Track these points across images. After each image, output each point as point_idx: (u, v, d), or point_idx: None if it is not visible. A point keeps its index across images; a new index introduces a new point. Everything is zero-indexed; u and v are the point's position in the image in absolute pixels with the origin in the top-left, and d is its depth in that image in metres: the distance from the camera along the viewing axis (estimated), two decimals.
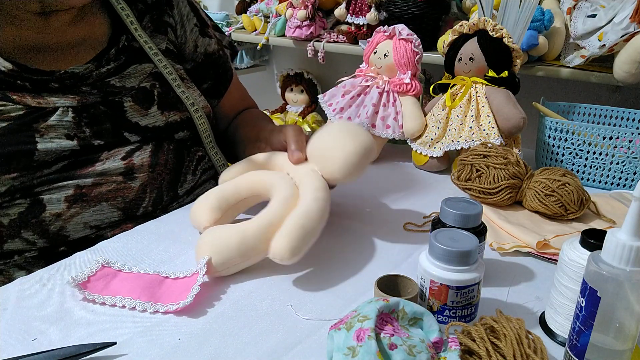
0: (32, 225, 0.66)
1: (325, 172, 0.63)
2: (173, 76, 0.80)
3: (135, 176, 0.72)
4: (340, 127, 0.64)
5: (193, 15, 0.88)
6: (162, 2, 0.84)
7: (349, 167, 0.61)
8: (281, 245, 0.55)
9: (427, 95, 1.07)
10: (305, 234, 0.56)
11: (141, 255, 0.63)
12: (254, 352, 0.47)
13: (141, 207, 0.73)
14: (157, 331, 0.49)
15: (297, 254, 0.55)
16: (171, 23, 0.85)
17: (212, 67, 0.90)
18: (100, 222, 0.70)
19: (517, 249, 0.64)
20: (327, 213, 0.60)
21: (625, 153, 0.83)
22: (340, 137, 0.62)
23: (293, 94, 1.96)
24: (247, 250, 0.56)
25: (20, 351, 0.45)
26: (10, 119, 0.65)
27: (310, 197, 0.59)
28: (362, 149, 0.61)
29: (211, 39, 0.90)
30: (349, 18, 1.56)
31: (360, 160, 0.61)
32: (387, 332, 0.39)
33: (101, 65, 0.73)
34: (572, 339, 0.43)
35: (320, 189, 0.60)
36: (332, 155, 0.62)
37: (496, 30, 0.86)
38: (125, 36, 0.77)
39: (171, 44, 0.84)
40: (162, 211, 0.76)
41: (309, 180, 0.62)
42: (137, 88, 0.75)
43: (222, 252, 0.56)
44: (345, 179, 0.62)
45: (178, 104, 0.79)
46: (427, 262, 0.47)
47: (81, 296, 0.54)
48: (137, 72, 0.76)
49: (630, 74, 1.06)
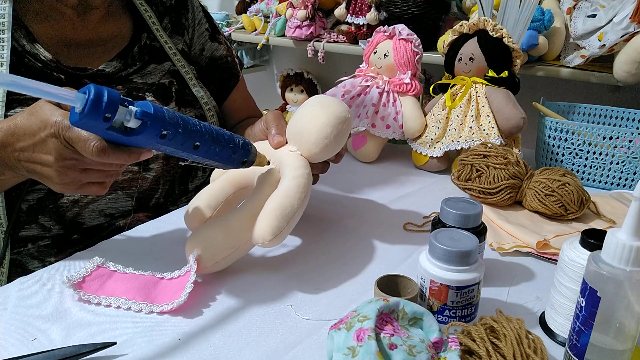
0: (49, 211, 0.68)
1: (303, 149, 0.62)
2: (189, 75, 0.83)
3: (150, 167, 0.75)
4: (312, 102, 0.63)
5: (206, 21, 0.91)
6: (180, 5, 0.87)
7: (323, 139, 0.60)
8: (262, 227, 0.54)
9: (427, 95, 1.07)
10: (285, 212, 0.55)
11: (141, 255, 0.63)
12: (254, 352, 0.47)
13: (153, 198, 0.76)
14: (157, 331, 0.49)
15: (279, 234, 0.54)
16: (186, 25, 0.88)
17: (216, 72, 0.93)
18: (115, 211, 0.73)
19: (517, 249, 0.64)
20: (308, 192, 0.59)
21: (625, 153, 0.83)
22: (311, 111, 0.62)
23: (293, 94, 1.96)
24: (233, 241, 0.56)
25: (20, 351, 0.45)
26: None
27: (289, 176, 0.58)
28: (334, 118, 0.60)
29: (220, 45, 0.93)
30: (349, 18, 1.56)
31: (334, 130, 0.60)
32: (387, 332, 0.39)
33: (128, 64, 0.77)
34: (572, 339, 0.43)
35: (298, 167, 0.60)
36: (306, 132, 0.61)
37: (496, 30, 0.86)
38: (147, 35, 0.81)
39: (186, 45, 0.87)
40: (172, 204, 0.79)
41: (288, 160, 0.61)
42: (157, 84, 0.78)
43: (210, 248, 0.56)
44: (324, 152, 0.61)
45: (193, 102, 0.83)
46: (427, 262, 0.47)
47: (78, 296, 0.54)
48: (156, 70, 0.80)
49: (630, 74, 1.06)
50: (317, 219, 0.73)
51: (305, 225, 0.71)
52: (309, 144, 0.61)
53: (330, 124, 0.60)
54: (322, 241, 0.67)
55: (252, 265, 0.61)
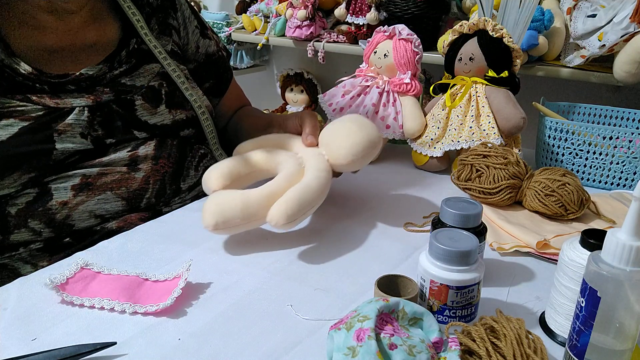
0: (39, 214, 0.68)
1: (331, 156, 0.68)
2: (178, 74, 0.82)
3: (138, 167, 0.74)
4: (352, 118, 0.69)
5: (194, 18, 0.91)
6: (166, 5, 0.86)
7: (352, 155, 0.66)
8: (278, 211, 0.60)
9: (427, 95, 1.07)
10: (302, 204, 0.60)
11: (140, 255, 0.63)
12: (254, 352, 0.47)
13: (144, 198, 0.75)
14: (157, 331, 0.49)
15: (292, 221, 0.60)
16: (175, 25, 0.87)
17: (213, 67, 0.93)
18: (105, 212, 0.72)
19: (517, 249, 0.64)
20: (326, 193, 0.65)
21: (625, 153, 0.83)
22: (350, 127, 0.67)
23: (293, 94, 1.96)
24: (249, 214, 0.61)
25: (20, 351, 0.45)
26: (31, 119, 0.67)
27: (312, 175, 0.64)
28: (367, 140, 0.66)
29: (211, 41, 0.93)
30: (349, 18, 1.56)
31: (364, 150, 0.66)
32: (387, 332, 0.39)
33: (114, 67, 0.76)
34: (572, 339, 0.43)
35: (322, 169, 0.66)
36: (339, 143, 0.67)
37: (496, 30, 0.86)
38: (135, 39, 0.80)
39: (175, 45, 0.86)
40: (164, 205, 0.77)
41: (315, 161, 0.67)
42: (146, 87, 0.78)
43: (225, 212, 0.61)
44: (349, 165, 0.67)
45: (184, 103, 0.82)
46: (427, 262, 0.47)
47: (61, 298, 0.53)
48: (145, 71, 0.79)
49: (630, 74, 1.06)
50: (317, 219, 0.73)
51: (305, 225, 0.71)
52: (339, 154, 0.67)
53: (362, 143, 0.66)
54: (322, 241, 0.67)
55: (251, 266, 0.61)
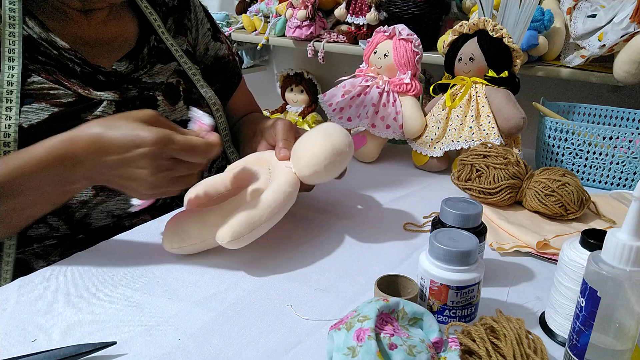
0: (59, 211, 0.68)
1: (296, 169, 0.64)
2: (194, 72, 0.84)
3: None
4: (321, 127, 0.66)
5: (207, 21, 0.92)
6: (182, 6, 0.88)
7: (314, 166, 0.62)
8: (225, 228, 0.58)
9: (427, 95, 1.07)
10: (250, 221, 0.58)
11: (140, 255, 0.63)
12: (254, 352, 0.47)
13: (160, 198, 0.76)
14: (157, 331, 0.49)
15: (238, 239, 0.57)
16: (189, 26, 0.88)
17: (221, 71, 0.94)
18: (122, 212, 0.73)
19: (517, 249, 0.64)
20: (284, 207, 0.61)
21: (625, 153, 0.83)
22: (315, 136, 0.64)
23: (293, 94, 1.96)
24: (204, 233, 0.61)
25: (20, 351, 0.45)
26: (62, 104, 0.67)
27: (271, 189, 0.61)
28: (330, 150, 0.62)
29: (222, 44, 0.94)
30: (349, 18, 1.56)
31: (326, 160, 0.62)
32: (387, 332, 0.39)
33: (138, 67, 0.77)
34: (572, 339, 0.43)
35: (284, 183, 0.62)
36: (303, 153, 0.64)
37: (496, 30, 0.86)
38: (154, 37, 0.81)
39: (189, 45, 0.88)
40: (177, 205, 0.79)
41: (280, 175, 0.64)
42: (165, 83, 0.79)
43: (182, 233, 0.61)
44: (312, 177, 0.63)
45: (201, 100, 0.84)
46: (427, 262, 0.47)
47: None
48: (163, 70, 0.80)
49: (630, 74, 1.07)
50: (318, 219, 0.73)
51: (305, 225, 0.71)
52: (301, 166, 0.63)
53: (324, 152, 0.62)
54: (322, 241, 0.67)
55: (251, 266, 0.61)
